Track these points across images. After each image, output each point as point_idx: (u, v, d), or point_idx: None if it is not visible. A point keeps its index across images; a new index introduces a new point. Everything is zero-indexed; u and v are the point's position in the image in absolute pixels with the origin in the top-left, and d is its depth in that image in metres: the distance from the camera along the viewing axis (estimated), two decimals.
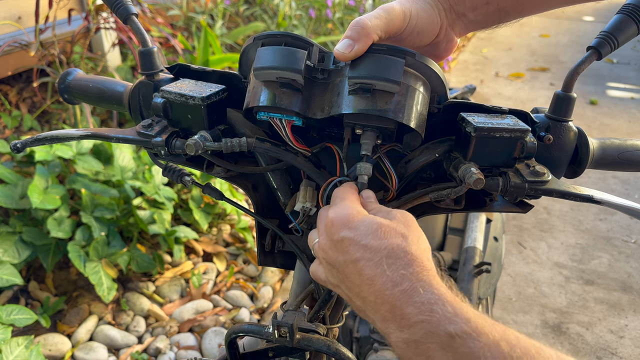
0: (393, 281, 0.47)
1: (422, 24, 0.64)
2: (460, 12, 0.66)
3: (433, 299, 0.45)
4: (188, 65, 0.70)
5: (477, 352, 0.42)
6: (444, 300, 0.45)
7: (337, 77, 0.59)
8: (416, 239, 0.51)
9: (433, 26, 0.65)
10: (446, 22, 0.66)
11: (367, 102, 0.56)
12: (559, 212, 3.10)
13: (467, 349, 0.42)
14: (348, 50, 0.56)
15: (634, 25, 0.60)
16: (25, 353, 1.64)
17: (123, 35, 2.48)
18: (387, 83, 0.55)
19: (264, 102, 0.59)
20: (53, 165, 2.08)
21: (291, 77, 0.57)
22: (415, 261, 0.48)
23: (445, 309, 0.44)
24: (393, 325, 0.46)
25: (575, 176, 0.68)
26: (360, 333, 1.27)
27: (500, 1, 0.65)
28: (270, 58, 0.57)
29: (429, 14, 0.64)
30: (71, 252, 1.91)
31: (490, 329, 0.43)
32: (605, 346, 2.19)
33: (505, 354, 0.41)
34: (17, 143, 0.65)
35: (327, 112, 0.59)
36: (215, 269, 2.43)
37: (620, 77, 5.37)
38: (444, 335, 0.43)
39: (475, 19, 0.67)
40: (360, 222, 0.51)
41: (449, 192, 0.62)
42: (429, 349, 0.44)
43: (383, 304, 0.47)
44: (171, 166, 0.73)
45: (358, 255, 0.50)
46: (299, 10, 3.93)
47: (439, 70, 0.59)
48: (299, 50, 0.57)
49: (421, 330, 0.44)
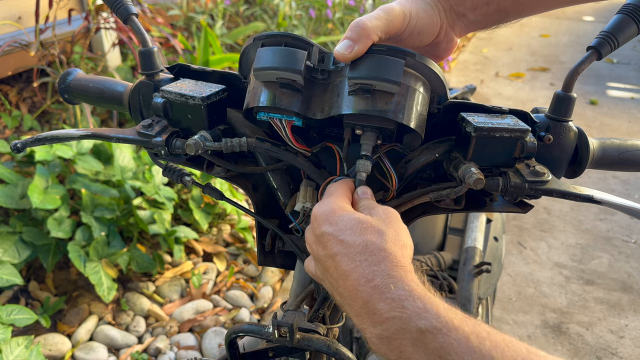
0: (366, 277, 0.47)
1: (422, 24, 0.64)
2: (460, 13, 0.66)
3: (404, 295, 0.45)
4: (188, 65, 0.70)
5: (447, 347, 0.42)
6: (415, 296, 0.45)
7: (337, 77, 0.59)
8: (394, 236, 0.51)
9: (433, 26, 0.65)
10: (446, 22, 0.66)
11: (367, 103, 0.56)
12: (559, 212, 3.10)
13: (437, 344, 0.43)
14: (348, 51, 0.56)
15: (634, 25, 0.60)
16: (25, 353, 1.64)
17: (123, 35, 2.48)
18: (387, 84, 0.55)
19: (264, 103, 0.59)
20: (53, 165, 2.08)
21: (291, 77, 0.57)
22: (388, 257, 0.48)
23: (415, 304, 0.44)
24: (367, 321, 0.47)
25: (575, 176, 0.68)
26: (360, 333, 1.27)
27: (500, 1, 0.65)
28: (270, 59, 0.57)
29: (428, 14, 0.64)
30: (71, 252, 1.91)
31: (460, 323, 0.43)
32: (605, 346, 2.19)
33: (474, 348, 0.42)
34: (17, 143, 0.65)
35: (327, 112, 0.59)
36: (216, 269, 2.43)
37: (620, 77, 5.37)
38: (414, 331, 0.44)
39: (475, 19, 0.67)
40: (340, 217, 0.52)
41: (449, 192, 0.62)
42: (401, 345, 0.44)
43: (356, 299, 0.48)
44: (171, 166, 0.73)
45: (335, 250, 0.51)
46: (299, 10, 3.93)
47: (439, 71, 0.59)
48: (299, 51, 0.57)
49: (393, 326, 0.45)
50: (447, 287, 1.36)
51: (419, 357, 0.43)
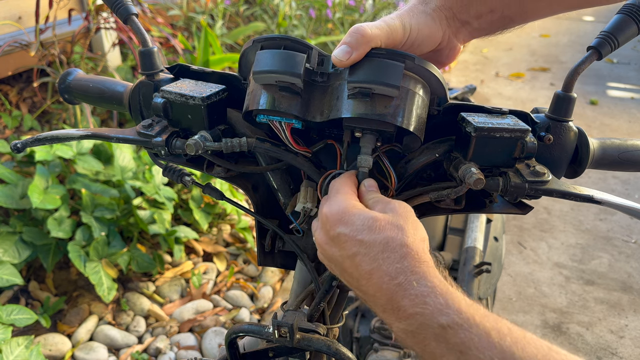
0: (389, 275, 0.48)
1: (423, 36, 0.63)
2: (463, 20, 0.66)
3: (426, 292, 0.46)
4: (188, 66, 0.70)
5: (468, 342, 0.43)
6: (437, 293, 0.46)
7: (336, 80, 0.59)
8: (412, 231, 0.51)
9: (434, 38, 0.65)
10: (449, 31, 0.66)
11: (366, 106, 0.56)
12: (559, 212, 3.10)
13: (458, 340, 0.43)
14: (345, 57, 0.56)
15: (634, 25, 0.60)
16: (25, 353, 1.64)
17: (123, 35, 2.48)
18: (386, 87, 0.55)
19: (263, 106, 0.59)
20: (53, 165, 2.08)
21: (290, 80, 0.57)
22: (410, 253, 0.49)
23: (437, 301, 0.45)
24: (392, 316, 0.48)
25: (575, 176, 0.68)
26: (360, 333, 1.27)
27: (505, 9, 0.64)
28: (270, 62, 0.57)
29: (429, 26, 0.64)
30: (71, 252, 1.91)
31: (481, 319, 0.44)
32: (606, 346, 2.18)
33: (495, 344, 0.42)
34: (18, 143, 0.65)
35: (327, 115, 0.59)
36: (216, 269, 2.43)
37: (621, 77, 5.37)
38: (436, 327, 0.45)
39: (479, 26, 0.67)
40: (355, 216, 0.52)
41: (449, 192, 0.62)
42: (424, 339, 0.45)
43: (381, 297, 0.49)
44: (171, 166, 0.73)
45: (354, 250, 0.51)
46: (299, 10, 3.93)
47: (439, 73, 0.59)
48: (298, 54, 0.57)
49: (416, 322, 0.46)
50: None
51: (441, 352, 0.44)
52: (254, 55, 0.60)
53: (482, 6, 0.64)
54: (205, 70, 0.69)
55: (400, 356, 1.13)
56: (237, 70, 0.68)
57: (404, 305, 0.46)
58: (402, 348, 1.15)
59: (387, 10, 4.24)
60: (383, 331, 1.17)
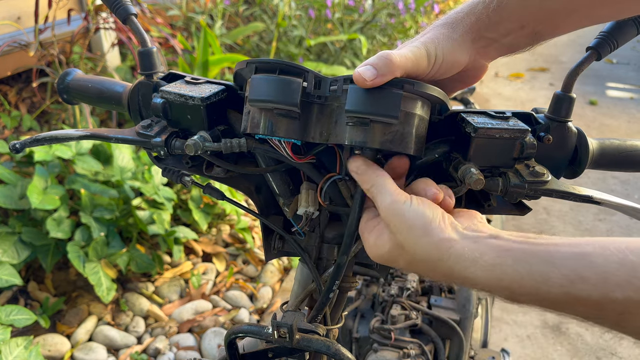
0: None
1: (448, 63, 0.61)
2: (491, 38, 0.64)
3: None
4: (181, 75, 0.69)
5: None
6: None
7: (334, 101, 0.58)
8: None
9: (459, 64, 0.63)
10: (475, 52, 0.64)
11: (365, 134, 0.55)
12: (558, 212, 3.10)
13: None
14: (370, 78, 0.54)
15: (633, 25, 0.60)
16: (24, 353, 1.64)
17: (122, 36, 2.48)
18: (384, 118, 0.54)
19: (262, 131, 0.58)
20: (52, 166, 2.07)
21: (287, 109, 0.56)
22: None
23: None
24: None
25: (574, 176, 0.67)
26: (359, 333, 1.27)
27: (536, 24, 0.62)
28: (265, 90, 0.56)
29: (455, 53, 0.62)
30: (70, 253, 1.91)
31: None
32: (605, 346, 2.19)
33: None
34: (16, 143, 0.65)
35: (326, 138, 0.58)
36: (215, 270, 2.43)
37: (620, 78, 5.38)
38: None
39: (508, 43, 0.64)
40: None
41: None
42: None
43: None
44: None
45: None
46: (299, 11, 3.93)
47: (440, 93, 0.58)
48: (294, 81, 0.56)
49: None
50: (447, 287, 1.36)
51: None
52: (248, 73, 0.60)
53: (513, 23, 0.62)
54: (199, 80, 0.68)
55: (400, 356, 1.13)
56: (236, 70, 0.68)
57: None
58: (401, 348, 1.15)
59: (387, 10, 4.23)
60: (382, 331, 1.17)
